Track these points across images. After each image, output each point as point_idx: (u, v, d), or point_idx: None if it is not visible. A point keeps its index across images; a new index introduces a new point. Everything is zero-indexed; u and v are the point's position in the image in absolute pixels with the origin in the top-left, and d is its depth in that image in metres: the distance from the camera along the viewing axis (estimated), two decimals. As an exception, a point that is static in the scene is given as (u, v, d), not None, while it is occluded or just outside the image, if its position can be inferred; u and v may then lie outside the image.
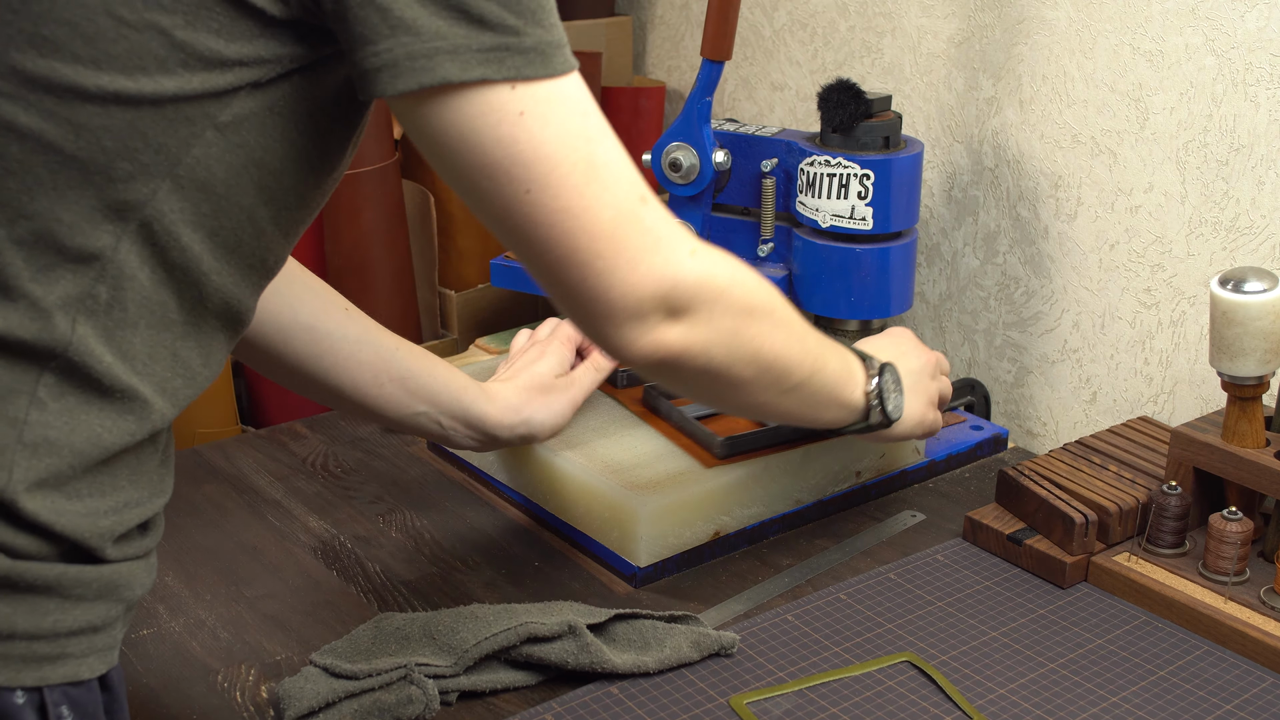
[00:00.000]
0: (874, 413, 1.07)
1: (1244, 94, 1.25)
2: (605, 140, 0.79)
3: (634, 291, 0.81)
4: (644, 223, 0.81)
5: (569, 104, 0.77)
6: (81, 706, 0.75)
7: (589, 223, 0.78)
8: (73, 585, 0.74)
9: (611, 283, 0.80)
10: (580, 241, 0.79)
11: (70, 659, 0.74)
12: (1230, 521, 1.09)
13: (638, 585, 1.16)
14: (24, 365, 0.72)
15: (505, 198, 0.77)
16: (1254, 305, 1.06)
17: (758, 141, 1.45)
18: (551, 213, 0.77)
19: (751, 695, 1.00)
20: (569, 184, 0.77)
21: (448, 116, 0.74)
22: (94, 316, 0.73)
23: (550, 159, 0.76)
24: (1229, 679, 1.02)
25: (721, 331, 0.87)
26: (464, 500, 1.30)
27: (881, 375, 1.08)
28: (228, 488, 1.33)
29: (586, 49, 1.81)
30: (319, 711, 0.96)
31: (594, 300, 0.81)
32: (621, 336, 0.83)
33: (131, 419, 0.75)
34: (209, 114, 0.73)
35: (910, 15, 1.54)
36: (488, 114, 0.74)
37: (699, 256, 0.84)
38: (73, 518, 0.73)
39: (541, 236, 0.78)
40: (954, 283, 1.55)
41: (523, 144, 0.75)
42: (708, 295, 0.85)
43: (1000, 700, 1.00)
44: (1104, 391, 1.42)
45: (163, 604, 1.13)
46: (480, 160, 0.75)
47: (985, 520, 1.20)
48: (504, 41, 0.73)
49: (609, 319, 0.82)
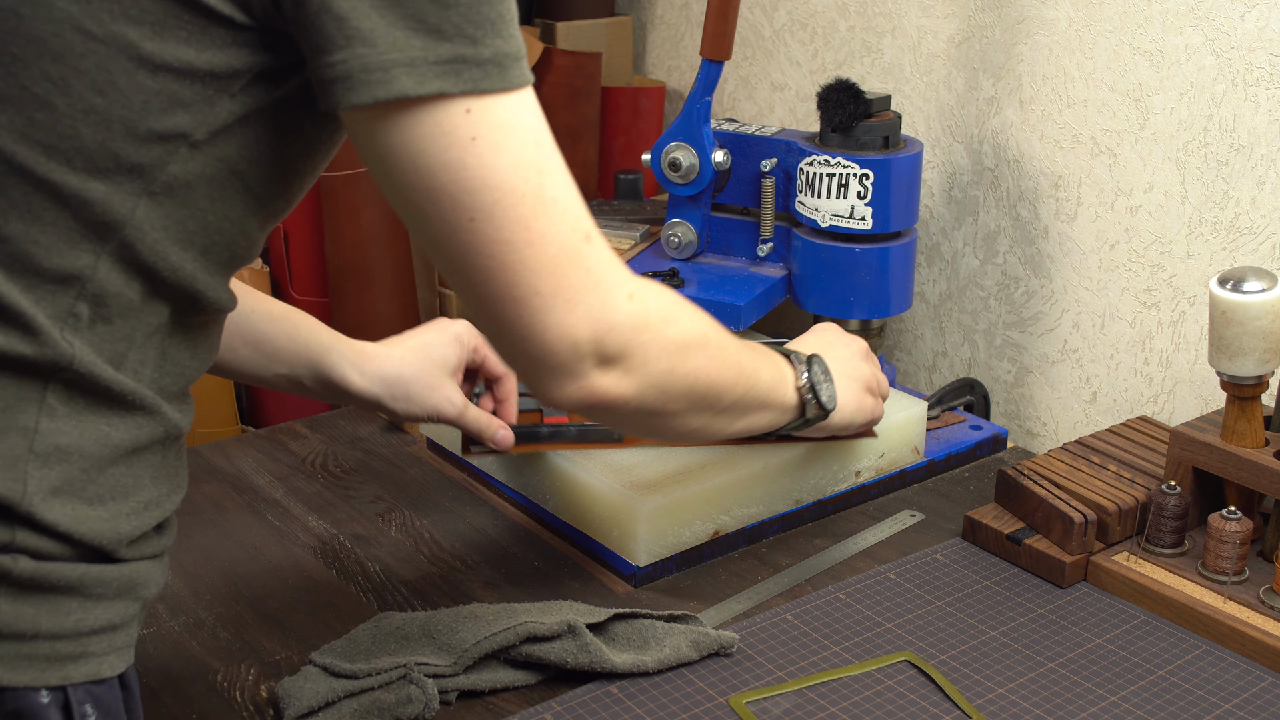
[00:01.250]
0: (809, 406, 1.08)
1: (1244, 94, 1.25)
2: (556, 173, 0.77)
3: (569, 334, 0.79)
4: (586, 262, 0.79)
5: (522, 131, 0.75)
6: (104, 705, 0.75)
7: (531, 257, 0.76)
8: (94, 585, 0.74)
9: (547, 322, 0.78)
10: (520, 276, 0.77)
11: (92, 658, 0.75)
12: (1229, 521, 1.09)
13: (637, 585, 1.16)
14: (30, 379, 0.72)
15: (448, 224, 0.75)
16: (1253, 305, 1.06)
17: (757, 141, 1.45)
18: (493, 243, 0.75)
19: (751, 695, 1.00)
20: (515, 215, 0.75)
21: (399, 135, 0.72)
22: (80, 333, 0.73)
23: (499, 188, 0.74)
24: (1228, 678, 1.02)
25: (655, 374, 0.86)
26: (464, 500, 1.30)
27: (810, 368, 1.09)
28: (228, 488, 1.33)
29: (586, 49, 1.81)
30: (318, 711, 0.96)
31: (527, 339, 0.79)
32: (553, 380, 0.82)
33: (140, 416, 0.76)
34: (182, 131, 0.72)
35: (910, 15, 1.54)
36: (439, 136, 0.72)
37: (636, 300, 0.83)
38: (94, 523, 0.74)
39: (480, 267, 0.76)
40: (954, 283, 1.55)
41: (472, 170, 0.73)
42: (642, 340, 0.84)
43: (999, 700, 1.00)
44: (1104, 391, 1.42)
45: (163, 604, 1.13)
46: (427, 183, 0.73)
47: (984, 520, 1.20)
48: (461, 52, 0.71)
49: (541, 360, 0.80)
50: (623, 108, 1.84)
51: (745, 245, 1.48)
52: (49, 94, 0.69)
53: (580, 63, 1.76)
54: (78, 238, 0.72)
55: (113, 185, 0.71)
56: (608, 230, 1.54)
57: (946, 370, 1.59)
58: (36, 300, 0.72)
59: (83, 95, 0.70)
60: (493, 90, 0.73)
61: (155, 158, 0.72)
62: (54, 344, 0.72)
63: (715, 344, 0.94)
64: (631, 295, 0.82)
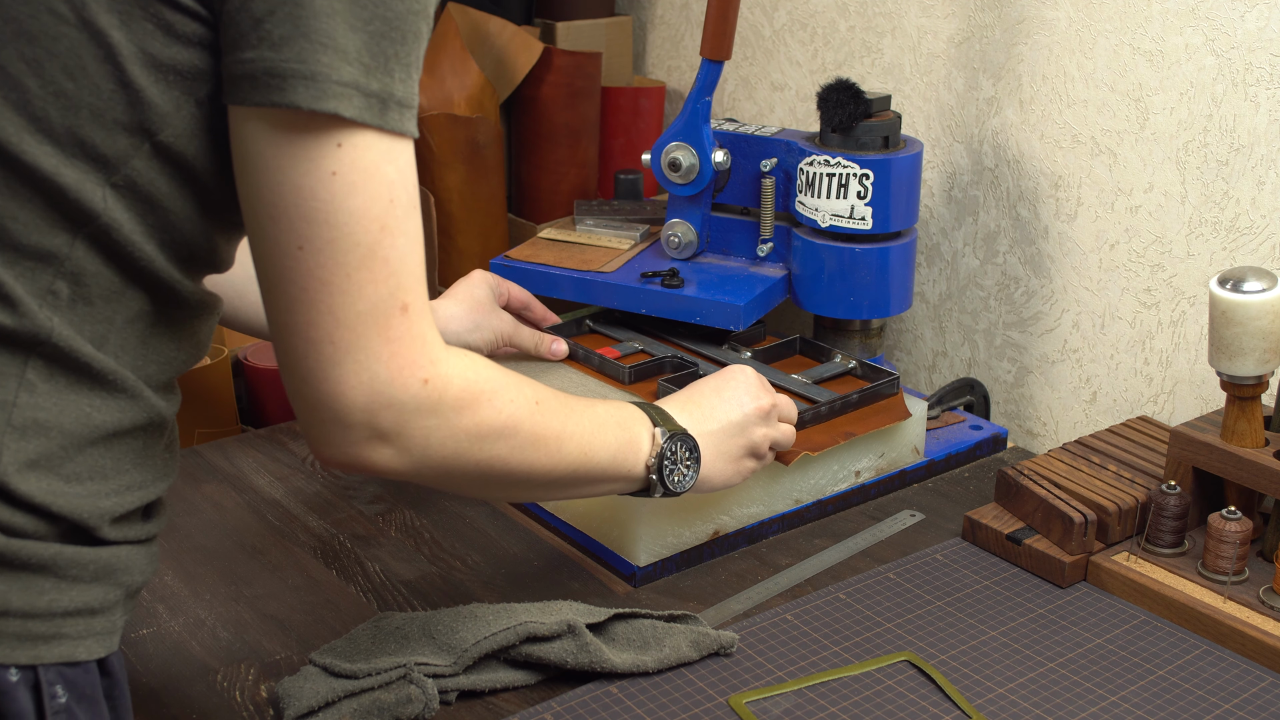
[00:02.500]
0: (654, 486, 1.03)
1: (1244, 94, 1.25)
2: (401, 235, 0.77)
3: (344, 395, 0.78)
4: (390, 332, 0.77)
5: (381, 183, 0.74)
6: (78, 688, 0.75)
7: (340, 305, 0.75)
8: (69, 566, 0.74)
9: (328, 375, 0.77)
10: (322, 319, 0.76)
11: (66, 639, 0.74)
12: (1229, 521, 1.09)
13: (637, 585, 1.16)
14: (10, 351, 0.73)
15: (279, 245, 0.75)
16: (1253, 305, 1.06)
17: (757, 141, 1.45)
18: (310, 278, 0.75)
19: (751, 695, 1.00)
20: (340, 259, 0.75)
21: (269, 142, 0.72)
22: (60, 310, 0.74)
23: (337, 228, 0.74)
24: (1228, 678, 1.02)
25: (434, 459, 0.84)
26: (463, 500, 1.30)
27: (666, 451, 1.02)
28: (228, 488, 1.33)
29: (586, 49, 1.81)
30: (318, 711, 0.96)
31: (306, 384, 0.78)
32: (321, 434, 0.80)
33: (123, 399, 0.76)
34: (147, 127, 0.73)
35: (910, 15, 1.54)
36: (303, 156, 0.72)
37: (431, 385, 0.80)
38: (71, 499, 0.74)
39: (291, 296, 0.76)
40: (954, 283, 1.55)
41: (319, 202, 0.73)
42: (422, 425, 0.81)
43: (999, 700, 1.00)
44: (1104, 391, 1.42)
45: (163, 604, 1.13)
46: (274, 198, 0.74)
47: (984, 520, 1.20)
48: (358, 80, 0.72)
49: (313, 410, 0.79)
50: (623, 108, 1.84)
51: (745, 245, 1.48)
52: (23, 75, 0.71)
53: (580, 63, 1.76)
54: (54, 218, 0.73)
55: (82, 173, 0.72)
56: (608, 230, 1.54)
57: (946, 370, 1.59)
58: (16, 275, 0.73)
59: (54, 78, 0.71)
60: (374, 127, 0.73)
61: (120, 150, 0.73)
62: (33, 316, 0.72)
63: (526, 432, 0.90)
64: (428, 380, 0.80)
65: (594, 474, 0.98)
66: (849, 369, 1.37)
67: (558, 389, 0.95)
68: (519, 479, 0.92)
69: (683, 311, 1.39)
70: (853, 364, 1.37)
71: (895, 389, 1.31)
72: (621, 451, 1.00)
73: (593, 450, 0.97)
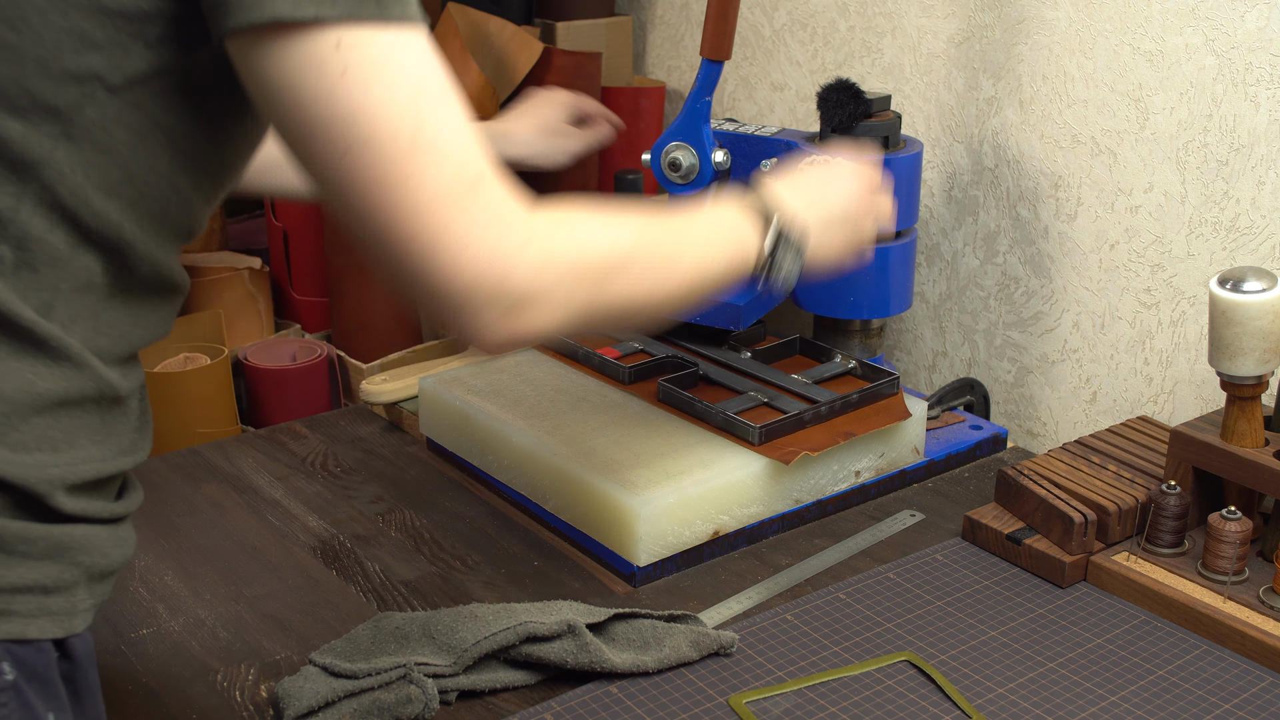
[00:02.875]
0: (760, 281, 1.00)
1: (1244, 94, 1.25)
2: (439, 114, 0.74)
3: (459, 278, 0.76)
4: (470, 208, 0.76)
5: (399, 71, 0.73)
6: (27, 665, 0.73)
7: (406, 199, 0.74)
8: (16, 540, 0.73)
9: (433, 267, 0.76)
10: (397, 217, 0.74)
11: (15, 616, 0.73)
12: (1229, 521, 1.09)
13: (637, 585, 1.16)
14: None
15: (325, 157, 0.73)
16: (1253, 305, 1.06)
17: (757, 141, 1.45)
18: (368, 181, 0.73)
19: (751, 695, 1.00)
20: (386, 154, 0.73)
21: (274, 62, 0.71)
22: (4, 277, 0.72)
23: (369, 124, 0.72)
24: (1228, 678, 1.02)
25: (574, 308, 0.83)
26: (464, 500, 1.30)
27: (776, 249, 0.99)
28: (228, 488, 1.33)
29: (586, 49, 1.81)
30: (318, 711, 0.96)
31: (419, 282, 0.77)
32: (463, 321, 0.79)
33: (68, 368, 0.74)
34: (96, 73, 0.71)
35: (910, 15, 1.54)
36: (310, 67, 0.71)
37: (534, 242, 0.79)
38: (18, 467, 0.72)
39: (360, 204, 0.74)
40: (954, 283, 1.55)
41: (342, 104, 0.71)
42: (548, 282, 0.80)
43: (999, 700, 1.00)
44: (1104, 391, 1.42)
45: (163, 604, 1.13)
46: (302, 115, 0.72)
47: (984, 520, 1.20)
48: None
49: (442, 303, 0.78)
50: (623, 108, 1.84)
51: (745, 245, 1.48)
52: None
53: (580, 63, 1.76)
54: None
55: (29, 125, 0.71)
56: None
57: (946, 370, 1.59)
58: None
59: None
60: (366, 20, 0.71)
61: (71, 99, 0.71)
62: None
63: (645, 258, 0.88)
64: (527, 240, 0.78)
65: (714, 277, 0.96)
66: (849, 369, 1.37)
67: (556, 388, 0.95)
68: (655, 302, 0.89)
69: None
70: (853, 364, 1.37)
71: (895, 389, 1.31)
72: (730, 256, 0.97)
73: (709, 259, 0.95)
